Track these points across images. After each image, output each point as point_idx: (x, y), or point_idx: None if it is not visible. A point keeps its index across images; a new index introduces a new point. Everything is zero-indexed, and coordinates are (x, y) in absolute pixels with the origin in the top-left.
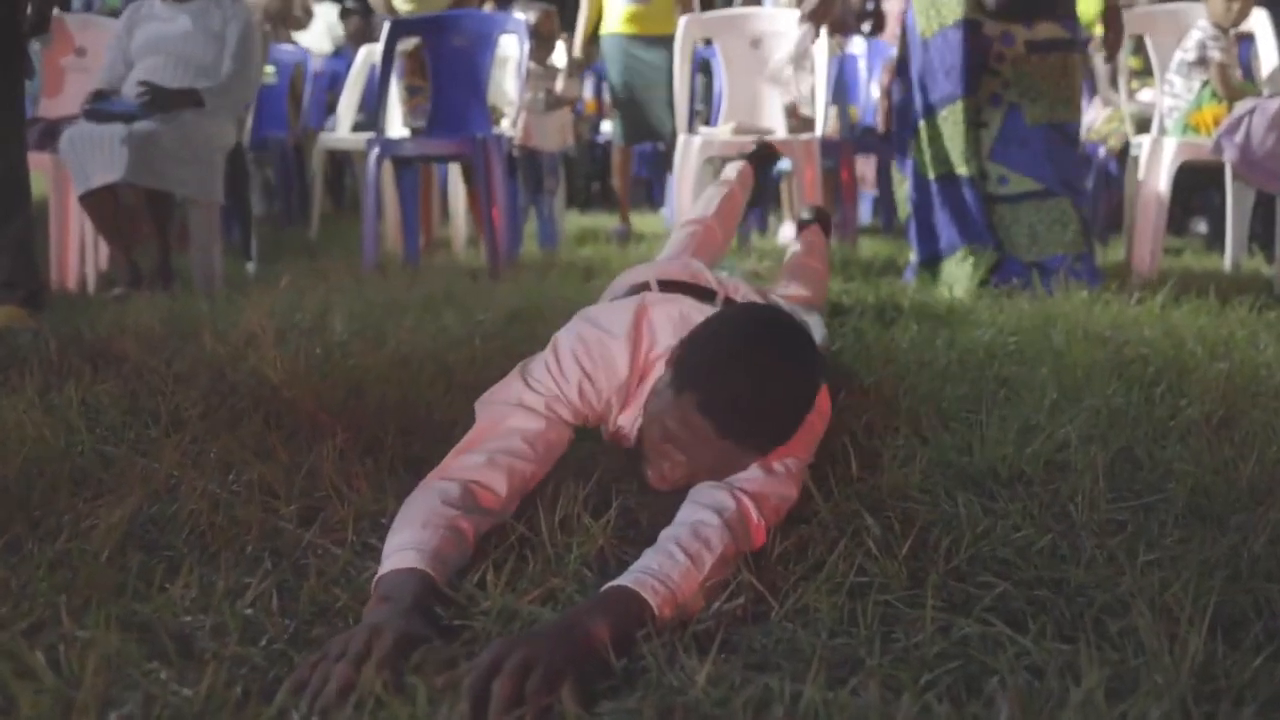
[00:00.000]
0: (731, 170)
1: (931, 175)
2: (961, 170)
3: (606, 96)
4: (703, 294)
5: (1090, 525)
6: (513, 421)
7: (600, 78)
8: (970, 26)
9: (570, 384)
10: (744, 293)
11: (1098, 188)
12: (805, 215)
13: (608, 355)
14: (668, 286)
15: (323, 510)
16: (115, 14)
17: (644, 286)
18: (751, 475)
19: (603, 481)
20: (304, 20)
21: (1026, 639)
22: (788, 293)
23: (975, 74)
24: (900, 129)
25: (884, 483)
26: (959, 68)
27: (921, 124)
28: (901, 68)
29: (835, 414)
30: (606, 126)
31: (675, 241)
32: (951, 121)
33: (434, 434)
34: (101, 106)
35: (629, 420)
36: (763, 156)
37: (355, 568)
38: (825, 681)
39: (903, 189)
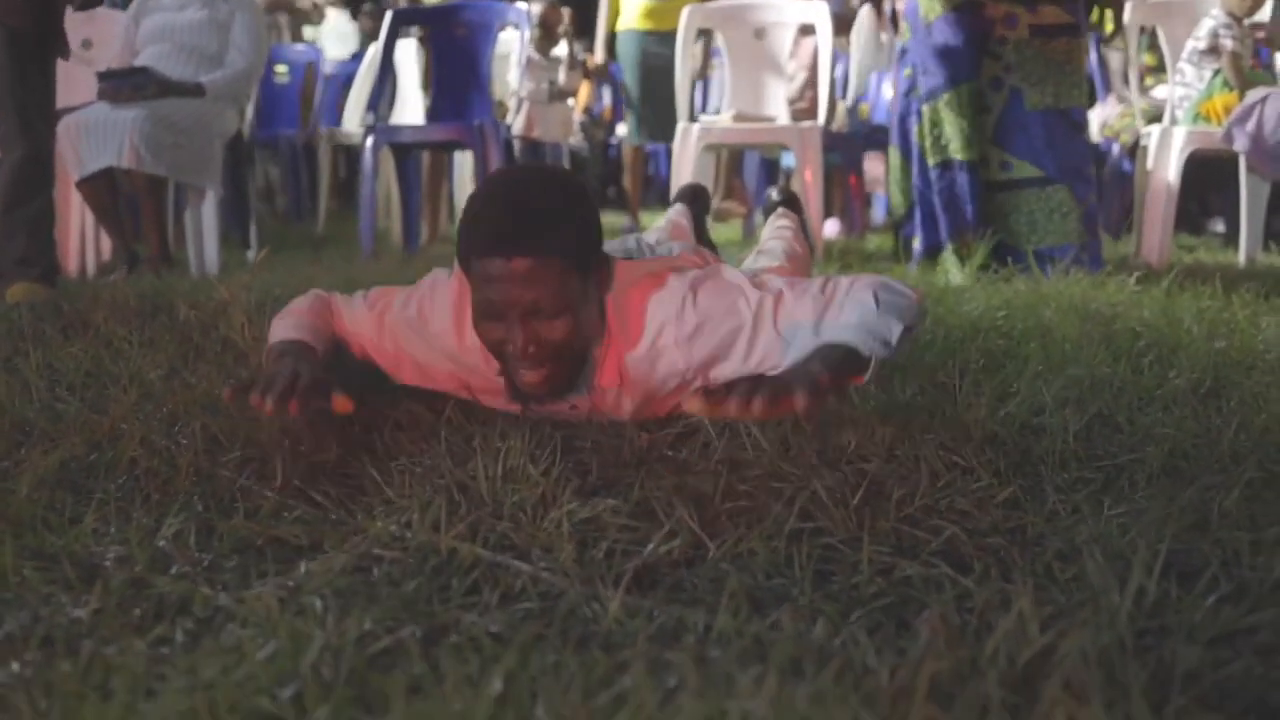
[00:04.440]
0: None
1: (931, 162)
2: (959, 156)
3: (622, 99)
4: None
5: (1057, 481)
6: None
7: (616, 81)
8: (972, 8)
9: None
10: (658, 240)
11: (1112, 185)
12: (774, 196)
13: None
14: None
15: (263, 458)
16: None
17: None
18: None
19: (553, 436)
20: (313, 16)
21: (969, 580)
22: (756, 266)
23: (977, 57)
24: (903, 116)
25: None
26: (961, 51)
27: (925, 109)
28: (904, 55)
29: None
30: (622, 129)
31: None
32: (953, 106)
33: (387, 392)
34: (113, 81)
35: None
36: (692, 196)
37: (288, 509)
38: (748, 616)
39: (897, 179)
